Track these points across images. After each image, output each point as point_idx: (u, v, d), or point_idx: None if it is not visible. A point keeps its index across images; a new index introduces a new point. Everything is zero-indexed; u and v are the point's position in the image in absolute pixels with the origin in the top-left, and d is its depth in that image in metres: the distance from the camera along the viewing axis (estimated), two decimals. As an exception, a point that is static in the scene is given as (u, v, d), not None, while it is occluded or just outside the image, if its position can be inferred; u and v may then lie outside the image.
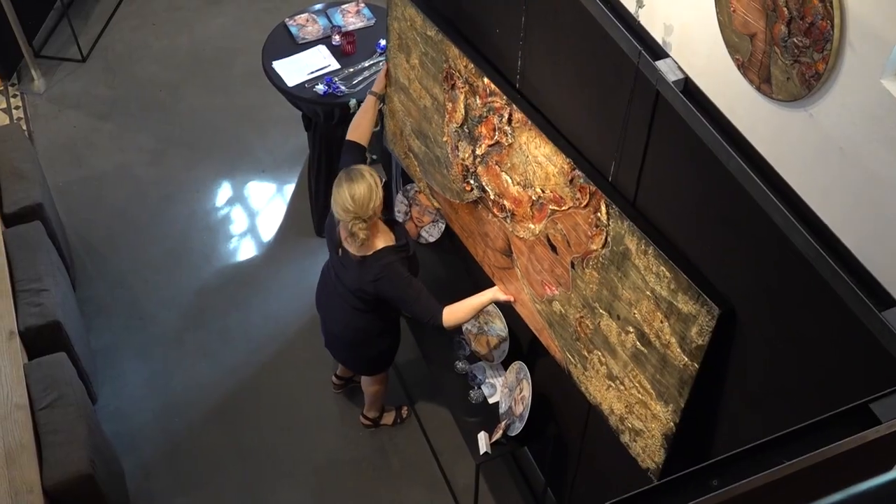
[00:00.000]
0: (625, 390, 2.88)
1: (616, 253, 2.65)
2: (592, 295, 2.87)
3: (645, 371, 2.73)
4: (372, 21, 4.95)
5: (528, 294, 3.29)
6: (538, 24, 2.76)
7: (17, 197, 4.51)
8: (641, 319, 2.65)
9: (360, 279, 3.53)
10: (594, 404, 3.10)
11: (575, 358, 3.13)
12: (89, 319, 4.89)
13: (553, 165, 2.83)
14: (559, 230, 2.94)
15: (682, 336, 2.48)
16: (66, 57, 6.33)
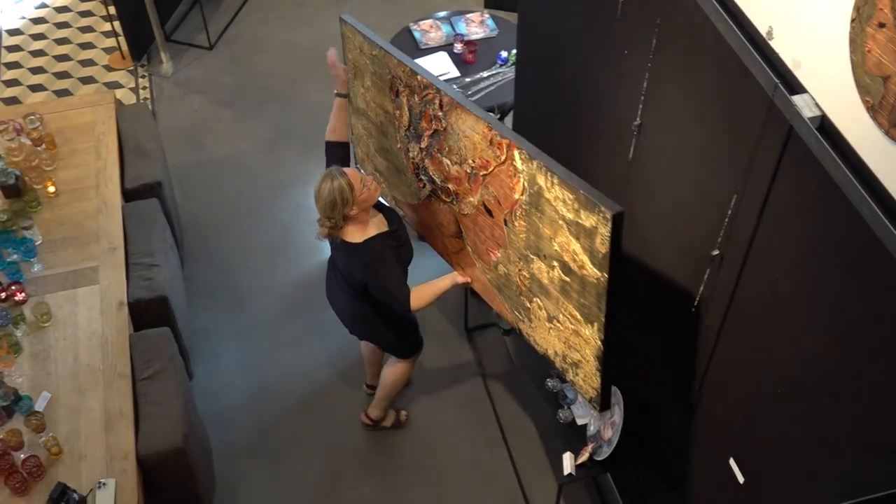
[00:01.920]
0: (561, 326, 3.26)
1: (533, 194, 3.06)
2: (523, 244, 3.26)
3: (571, 299, 3.10)
4: (495, 32, 4.97)
5: (480, 267, 3.65)
6: (669, 45, 2.73)
7: (138, 173, 4.68)
8: (561, 250, 3.02)
9: (350, 266, 3.68)
10: (542, 353, 3.46)
11: (521, 313, 3.49)
12: (192, 298, 5.04)
13: (476, 133, 3.25)
14: (491, 193, 3.33)
15: (590, 251, 2.87)
16: (195, 43, 6.55)
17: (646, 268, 3.22)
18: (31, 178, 4.53)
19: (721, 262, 2.68)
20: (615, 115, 3.19)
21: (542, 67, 3.91)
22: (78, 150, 4.73)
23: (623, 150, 3.15)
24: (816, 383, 2.37)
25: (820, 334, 2.30)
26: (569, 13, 3.47)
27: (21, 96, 6.21)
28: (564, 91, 3.69)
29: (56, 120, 4.87)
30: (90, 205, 4.48)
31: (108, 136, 4.80)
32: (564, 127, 3.78)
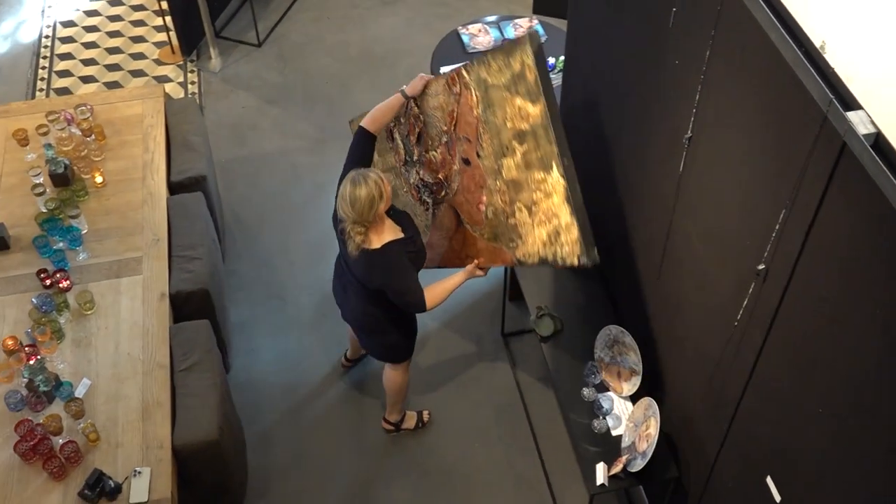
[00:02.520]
0: (537, 209, 3.49)
1: (483, 94, 3.42)
2: (492, 157, 3.54)
3: (533, 166, 3.41)
4: (543, 38, 4.96)
5: (478, 234, 3.86)
6: (722, 57, 2.71)
7: (184, 167, 4.73)
8: (512, 122, 3.33)
9: (366, 272, 3.66)
10: (539, 262, 3.58)
11: (515, 239, 3.65)
12: (233, 292, 5.08)
13: (442, 95, 3.55)
14: (463, 139, 3.63)
15: (527, 92, 3.23)
16: (244, 40, 6.61)
17: (690, 280, 3.19)
18: (79, 167, 4.60)
19: (766, 277, 2.65)
20: (665, 128, 3.16)
21: (591, 76, 3.89)
22: (126, 142, 4.79)
23: (673, 163, 3.12)
24: (858, 404, 2.33)
25: (864, 354, 2.26)
26: (619, 22, 3.45)
27: (72, 87, 6.31)
28: (613, 101, 3.67)
29: (106, 111, 4.94)
30: (136, 196, 4.54)
31: (156, 129, 4.85)
32: (612, 137, 3.75)
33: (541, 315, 4.12)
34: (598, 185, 4.01)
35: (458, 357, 4.88)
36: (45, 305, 4.00)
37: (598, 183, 4.00)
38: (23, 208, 4.46)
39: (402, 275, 3.66)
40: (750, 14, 2.48)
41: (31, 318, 3.98)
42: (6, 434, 3.65)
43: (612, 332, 3.85)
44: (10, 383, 3.80)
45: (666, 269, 3.40)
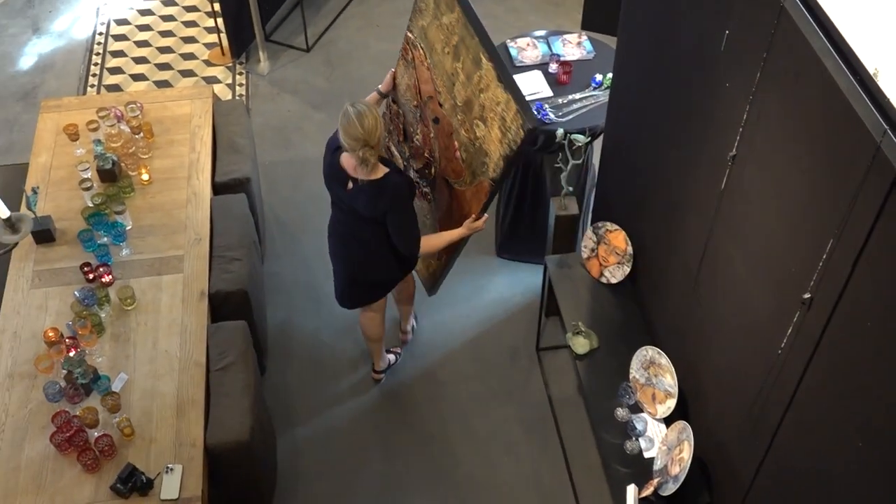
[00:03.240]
0: (485, 110, 3.79)
1: (424, 40, 3.82)
2: (447, 93, 3.88)
3: (471, 74, 3.82)
4: (591, 55, 4.95)
5: (465, 186, 4.08)
6: (774, 81, 2.68)
7: (229, 168, 4.78)
8: (445, 44, 3.75)
9: (371, 201, 3.84)
10: (503, 161, 3.76)
11: (483, 158, 3.89)
12: (270, 294, 5.11)
13: (405, 75, 4.05)
14: (427, 101, 4.03)
15: (446, 9, 3.77)
16: (293, 45, 6.67)
17: (731, 304, 3.16)
18: (127, 164, 4.66)
19: (811, 306, 2.61)
20: (710, 145, 3.14)
21: (638, 94, 3.87)
22: (174, 141, 4.85)
23: (715, 181, 3.09)
24: (901, 440, 2.29)
25: (910, 390, 2.22)
26: (670, 41, 3.43)
27: (123, 84, 6.41)
28: (659, 119, 3.65)
29: (155, 110, 5.00)
30: (181, 195, 4.59)
31: (203, 129, 4.91)
32: (656, 154, 3.73)
33: (576, 332, 4.10)
34: (640, 202, 3.99)
35: (491, 369, 4.87)
36: (87, 299, 4.05)
37: (641, 199, 3.98)
38: (70, 202, 4.53)
39: (406, 203, 3.88)
40: (804, 39, 2.45)
41: (73, 310, 4.04)
42: (43, 424, 3.70)
43: (648, 353, 3.82)
44: (50, 374, 3.86)
45: (706, 291, 3.37)
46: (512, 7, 6.93)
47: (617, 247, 4.17)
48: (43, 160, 4.74)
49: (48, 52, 6.69)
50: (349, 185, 3.88)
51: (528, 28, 6.45)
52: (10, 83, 6.45)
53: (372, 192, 3.81)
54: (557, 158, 4.43)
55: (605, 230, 4.22)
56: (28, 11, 6.98)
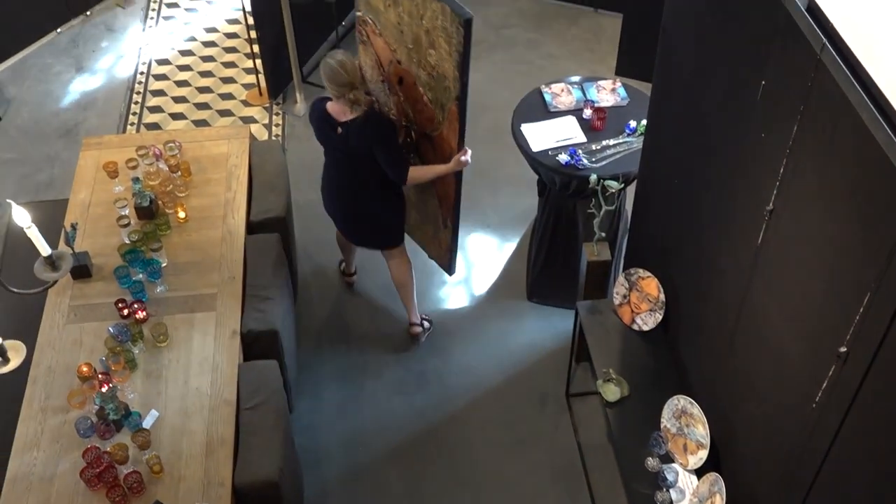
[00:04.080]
0: (430, 34, 4.17)
1: (374, 13, 4.19)
2: (399, 44, 4.23)
3: (412, 11, 4.20)
4: (625, 101, 4.97)
5: (441, 129, 4.47)
6: (811, 132, 2.67)
7: (264, 207, 4.82)
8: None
9: (361, 134, 4.35)
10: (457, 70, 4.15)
11: (443, 82, 4.24)
12: (301, 334, 5.13)
13: (368, 61, 4.58)
14: (384, 57, 4.52)
15: None
16: (329, 87, 6.74)
17: (766, 355, 3.12)
18: (164, 202, 4.72)
19: (847, 360, 2.58)
20: (747, 198, 3.12)
21: (673, 141, 3.88)
22: (210, 180, 4.91)
23: (752, 235, 3.08)
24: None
25: (950, 449, 2.18)
26: (705, 89, 3.44)
27: (162, 123, 6.52)
28: (694, 166, 3.64)
29: (193, 149, 5.08)
30: (216, 233, 4.64)
31: (240, 168, 4.97)
32: (690, 202, 3.72)
33: (607, 379, 4.07)
34: (673, 250, 3.98)
35: (520, 414, 4.85)
36: (121, 335, 4.09)
37: (674, 247, 3.96)
38: (107, 238, 4.60)
39: (391, 133, 4.43)
40: (841, 92, 2.45)
41: (107, 346, 4.08)
42: (73, 459, 3.73)
43: (680, 403, 3.78)
44: (82, 409, 3.89)
45: (740, 341, 3.34)
46: (547, 53, 6.98)
47: (649, 294, 4.15)
48: (82, 197, 4.82)
49: (90, 90, 6.83)
50: (339, 130, 4.42)
51: (563, 74, 6.49)
52: (52, 120, 6.59)
53: (359, 126, 4.34)
54: (590, 204, 4.43)
55: (638, 277, 4.21)
56: (73, 51, 7.15)
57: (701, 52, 3.47)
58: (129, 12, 7.46)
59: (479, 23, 7.15)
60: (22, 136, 6.46)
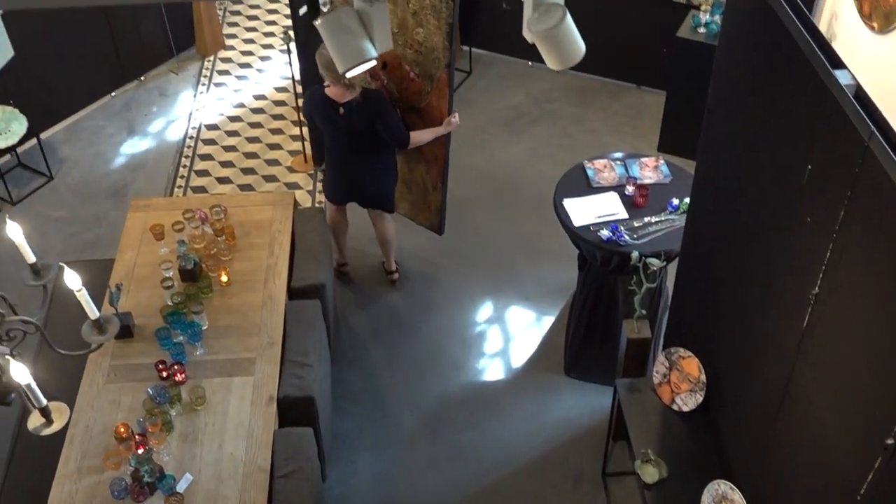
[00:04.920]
0: (418, 15, 4.60)
1: None
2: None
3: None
4: (668, 179, 4.97)
5: (430, 99, 5.03)
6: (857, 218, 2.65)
7: (305, 274, 4.87)
8: None
9: (363, 112, 4.91)
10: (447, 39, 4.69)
11: (432, 53, 4.73)
12: (337, 401, 5.12)
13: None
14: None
15: None
16: (373, 155, 6.84)
17: (809, 443, 3.06)
18: (207, 265, 4.78)
19: (895, 452, 2.52)
20: (791, 281, 3.10)
21: (716, 220, 3.87)
22: (254, 245, 4.97)
23: (797, 318, 3.04)
24: None
25: None
26: (751, 170, 3.44)
27: (209, 186, 6.64)
28: (737, 247, 3.63)
29: (238, 213, 5.15)
30: (257, 298, 4.67)
31: (283, 234, 5.03)
32: (733, 283, 3.69)
33: (646, 460, 4.00)
34: (714, 330, 3.93)
35: (555, 492, 4.76)
36: (160, 397, 4.11)
37: (716, 328, 3.92)
38: (150, 299, 4.65)
39: (387, 106, 4.99)
40: (889, 178, 2.44)
41: (145, 407, 4.10)
42: (106, 521, 3.72)
43: (720, 488, 3.69)
44: (117, 470, 3.89)
45: (783, 426, 3.27)
46: (589, 128, 7.04)
47: (690, 374, 4.10)
48: (128, 257, 4.90)
49: (140, 152, 7.00)
50: (341, 111, 4.92)
51: (605, 149, 6.54)
52: (103, 180, 6.74)
53: (359, 105, 4.89)
54: (631, 281, 4.41)
55: (678, 356, 4.16)
56: (125, 114, 7.34)
57: (746, 135, 3.48)
58: (181, 78, 7.67)
59: (522, 96, 7.30)
60: (72, 195, 6.61)
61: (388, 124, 4.98)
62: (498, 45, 7.69)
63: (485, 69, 7.65)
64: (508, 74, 7.60)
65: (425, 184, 5.62)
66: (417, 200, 5.80)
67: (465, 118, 7.18)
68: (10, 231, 2.51)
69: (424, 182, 5.62)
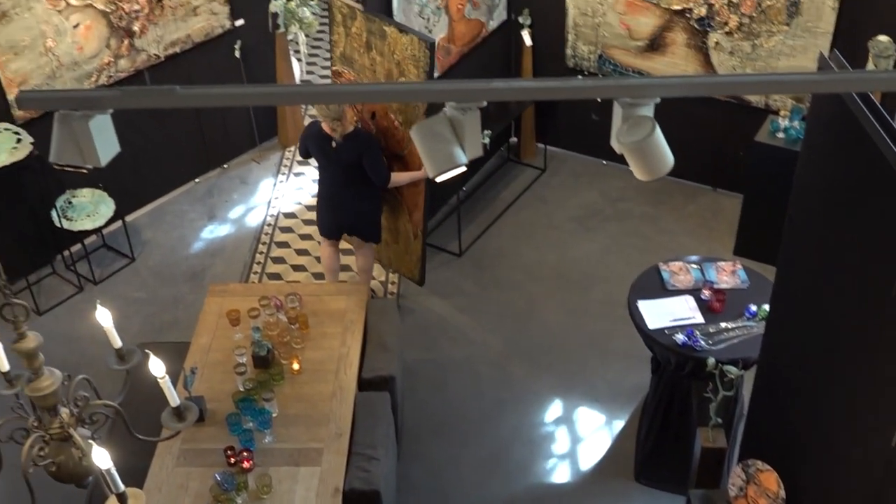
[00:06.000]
0: (405, 61, 5.18)
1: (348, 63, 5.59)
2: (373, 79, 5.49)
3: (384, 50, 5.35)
4: (745, 285, 4.90)
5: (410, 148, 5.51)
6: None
7: (376, 365, 4.88)
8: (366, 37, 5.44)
9: (352, 148, 5.46)
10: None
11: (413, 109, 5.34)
12: (402, 495, 5.06)
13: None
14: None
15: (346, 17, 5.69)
16: (446, 248, 6.91)
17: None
18: (280, 352, 4.83)
19: None
20: (876, 395, 3.00)
21: (797, 330, 3.79)
22: (326, 334, 5.01)
23: (884, 434, 2.93)
24: None
25: None
26: (834, 281, 3.37)
27: (284, 274, 6.75)
28: (819, 361, 3.54)
29: (312, 302, 5.22)
30: (327, 388, 4.69)
31: (356, 324, 5.07)
32: (815, 396, 3.59)
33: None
34: (795, 444, 3.81)
35: None
36: (227, 483, 4.12)
37: (796, 441, 3.80)
38: (222, 384, 4.70)
39: (373, 144, 5.57)
40: None
41: (212, 493, 4.11)
42: None
43: None
44: (181, 557, 3.89)
45: None
46: (663, 228, 7.01)
47: (768, 489, 3.96)
48: (203, 341, 4.98)
49: (219, 237, 7.17)
50: (333, 144, 5.46)
51: (679, 250, 6.49)
52: (182, 263, 6.91)
53: (349, 141, 5.45)
54: (707, 388, 4.32)
55: (756, 469, 4.03)
56: (208, 200, 7.55)
57: (829, 244, 3.43)
58: (263, 167, 7.89)
59: (595, 194, 7.33)
60: (152, 276, 6.78)
61: (373, 161, 5.48)
62: (572, 143, 7.76)
63: (559, 166, 7.71)
64: (582, 172, 7.65)
65: (408, 232, 6.08)
66: (401, 251, 6.26)
67: (537, 214, 7.24)
68: (100, 316, 2.58)
69: (407, 231, 6.09)
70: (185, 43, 6.97)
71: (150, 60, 6.77)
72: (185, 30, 6.92)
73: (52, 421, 2.41)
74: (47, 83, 6.17)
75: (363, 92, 2.88)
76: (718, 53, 6.59)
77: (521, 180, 7.57)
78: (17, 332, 2.30)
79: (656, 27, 6.72)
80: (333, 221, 5.84)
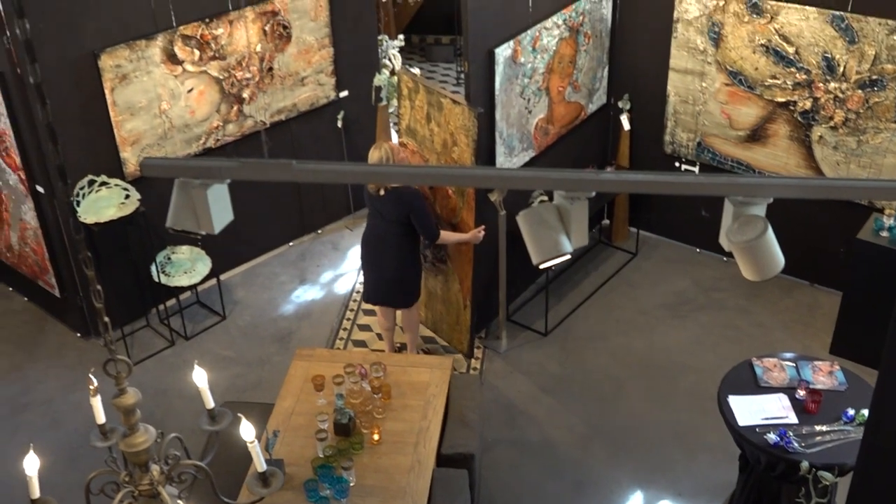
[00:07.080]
0: (458, 130, 5.59)
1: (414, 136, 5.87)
2: (433, 148, 5.78)
3: (440, 120, 5.74)
4: (843, 387, 4.73)
5: (463, 214, 5.88)
6: None
7: (455, 441, 4.84)
8: (427, 109, 5.77)
9: (402, 204, 5.59)
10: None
11: None
12: (473, 578, 4.96)
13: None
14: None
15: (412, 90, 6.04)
16: (532, 327, 6.86)
17: None
18: (361, 421, 4.84)
19: None
20: None
21: (899, 440, 3.61)
22: (408, 406, 5.00)
23: None
24: None
25: None
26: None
27: (369, 342, 6.79)
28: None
29: (396, 373, 5.23)
30: (405, 460, 4.66)
31: (438, 398, 5.05)
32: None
33: None
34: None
35: None
36: (302, 551, 4.10)
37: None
38: (303, 449, 4.72)
39: (422, 202, 5.65)
40: None
41: (285, 559, 4.09)
42: None
43: None
44: None
45: None
46: (758, 321, 6.84)
47: None
48: (287, 404, 5.02)
49: (308, 301, 7.28)
50: (381, 192, 5.61)
51: (774, 345, 6.33)
52: (270, 325, 7.02)
53: (395, 195, 5.58)
54: (799, 493, 4.15)
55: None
56: (300, 263, 7.70)
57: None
58: (356, 233, 8.01)
59: (687, 282, 7.22)
60: (241, 336, 6.91)
61: (421, 218, 5.62)
62: (665, 230, 7.69)
63: (650, 251, 7.64)
64: (674, 259, 7.55)
65: (459, 303, 6.24)
66: (452, 322, 6.41)
67: (627, 299, 7.15)
68: (196, 376, 2.63)
69: (458, 302, 6.24)
70: (290, 111, 7.21)
71: (257, 126, 7.01)
72: (292, 98, 7.16)
73: (142, 477, 2.45)
74: (158, 143, 6.43)
75: (468, 176, 2.91)
76: (822, 147, 6.48)
77: (612, 263, 7.52)
78: (119, 387, 2.35)
79: (759, 118, 6.66)
80: (375, 282, 5.95)
